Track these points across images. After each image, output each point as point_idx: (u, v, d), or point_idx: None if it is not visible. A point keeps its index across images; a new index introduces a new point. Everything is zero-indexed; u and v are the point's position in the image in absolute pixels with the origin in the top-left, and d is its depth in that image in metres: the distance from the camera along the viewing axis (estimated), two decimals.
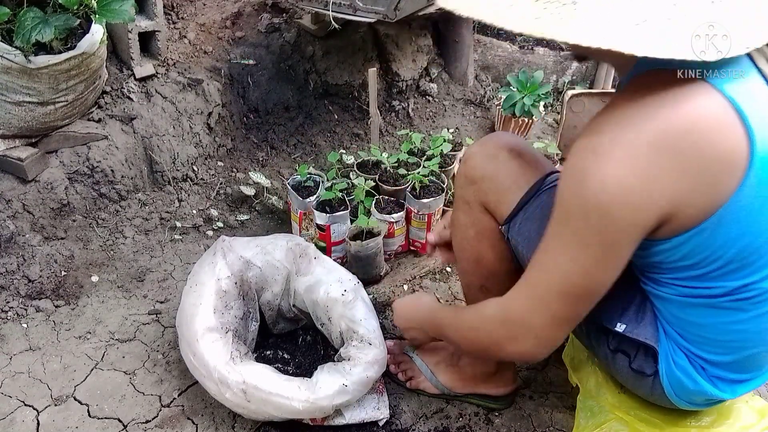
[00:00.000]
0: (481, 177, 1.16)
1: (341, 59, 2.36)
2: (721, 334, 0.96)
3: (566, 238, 0.86)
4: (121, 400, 1.41)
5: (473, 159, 1.19)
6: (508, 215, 1.13)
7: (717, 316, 0.94)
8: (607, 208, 0.80)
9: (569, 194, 0.85)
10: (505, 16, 0.77)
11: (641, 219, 0.82)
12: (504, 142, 1.17)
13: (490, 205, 1.16)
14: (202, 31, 2.25)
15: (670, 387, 1.02)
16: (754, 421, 1.13)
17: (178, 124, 2.04)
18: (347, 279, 1.45)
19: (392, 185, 1.90)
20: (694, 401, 1.05)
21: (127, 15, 1.61)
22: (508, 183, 1.13)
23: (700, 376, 1.00)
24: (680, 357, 1.00)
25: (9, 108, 1.66)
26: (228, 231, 1.99)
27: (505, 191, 1.13)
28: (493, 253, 1.21)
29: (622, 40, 0.73)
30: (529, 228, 1.09)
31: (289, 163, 2.27)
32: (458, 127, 2.54)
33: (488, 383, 1.40)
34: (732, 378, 1.01)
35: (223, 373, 1.24)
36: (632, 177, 0.79)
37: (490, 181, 1.15)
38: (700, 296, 0.93)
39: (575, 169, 0.84)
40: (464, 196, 1.21)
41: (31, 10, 1.55)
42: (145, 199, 1.99)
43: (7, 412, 1.37)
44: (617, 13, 0.74)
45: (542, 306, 0.92)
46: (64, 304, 1.67)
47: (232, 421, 1.37)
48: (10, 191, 1.73)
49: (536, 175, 1.12)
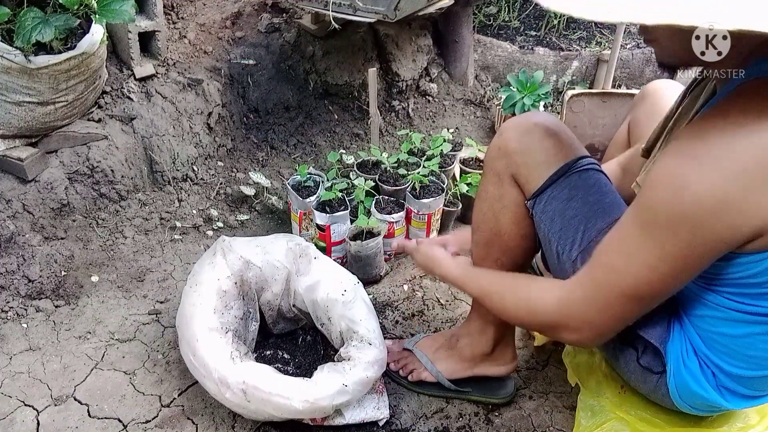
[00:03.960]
0: (515, 150, 1.16)
1: (341, 59, 2.36)
2: (749, 349, 0.95)
3: (648, 245, 0.84)
4: (121, 400, 1.41)
5: (509, 132, 1.18)
6: (536, 190, 1.13)
7: (748, 331, 0.93)
8: (701, 222, 0.77)
9: (660, 200, 0.81)
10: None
11: (733, 235, 0.79)
12: (542, 120, 1.16)
13: (521, 179, 1.16)
14: (202, 31, 2.25)
15: (676, 388, 1.02)
16: (755, 422, 1.13)
17: (178, 124, 2.04)
18: (347, 279, 1.44)
19: (392, 185, 1.90)
20: (696, 406, 1.04)
21: (127, 15, 1.61)
22: (541, 159, 1.13)
23: (708, 383, 0.99)
24: (692, 360, 0.99)
25: (9, 108, 1.66)
26: (228, 231, 1.99)
27: (537, 166, 1.13)
28: (516, 228, 1.21)
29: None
30: (554, 207, 1.10)
31: (289, 163, 2.27)
32: (458, 127, 2.54)
33: (488, 362, 1.40)
34: (742, 393, 1.00)
35: (223, 373, 1.24)
36: (733, 191, 0.75)
37: (523, 155, 1.15)
38: (743, 311, 0.92)
39: (672, 173, 0.79)
40: (495, 168, 1.21)
41: (31, 10, 1.55)
42: (145, 199, 1.99)
43: (7, 412, 1.37)
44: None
45: (606, 306, 0.92)
46: (64, 304, 1.67)
47: (232, 421, 1.37)
48: (10, 191, 1.73)
49: (569, 156, 1.11)
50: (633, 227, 0.86)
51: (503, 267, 1.26)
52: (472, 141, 2.20)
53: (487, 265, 1.28)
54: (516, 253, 1.24)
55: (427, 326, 1.68)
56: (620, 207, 1.08)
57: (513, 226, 1.21)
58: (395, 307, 1.73)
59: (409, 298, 1.77)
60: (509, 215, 1.21)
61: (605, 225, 1.04)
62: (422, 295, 1.78)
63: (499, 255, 1.25)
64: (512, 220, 1.21)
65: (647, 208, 0.84)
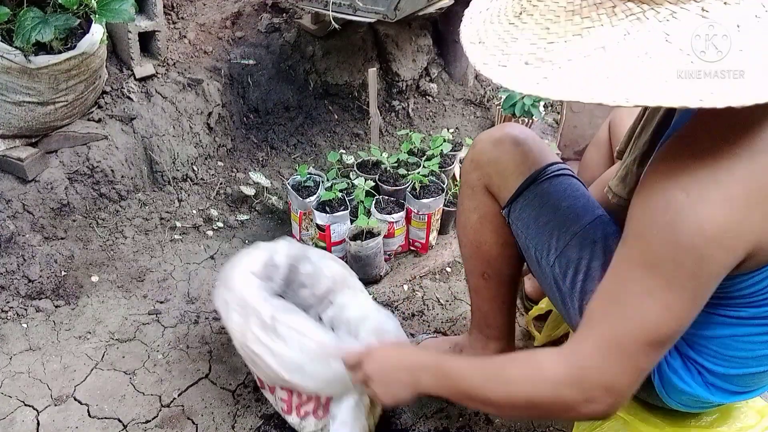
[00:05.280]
0: (486, 161, 1.19)
1: (341, 59, 2.36)
2: (728, 348, 0.95)
3: (656, 284, 0.79)
4: (121, 400, 1.41)
5: (480, 144, 1.22)
6: (509, 199, 1.16)
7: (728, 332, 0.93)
8: (702, 252, 0.76)
9: (655, 238, 0.78)
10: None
11: (733, 259, 0.78)
12: (511, 130, 1.19)
13: (494, 188, 1.19)
14: (202, 31, 2.25)
15: (661, 386, 1.02)
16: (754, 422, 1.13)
17: (178, 124, 2.04)
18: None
19: (392, 185, 1.90)
20: (685, 402, 1.04)
21: (127, 15, 1.61)
22: (511, 168, 1.15)
23: (694, 380, 0.99)
24: (675, 358, 0.99)
25: (9, 108, 1.66)
26: (228, 231, 1.99)
27: (508, 175, 1.16)
28: (495, 237, 1.23)
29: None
30: (528, 215, 1.12)
31: (289, 163, 2.27)
32: (458, 127, 2.54)
33: None
34: (730, 390, 1.00)
35: (253, 304, 1.20)
36: (729, 219, 0.75)
37: (494, 165, 1.18)
38: (724, 315, 0.91)
39: (663, 210, 0.77)
40: (469, 181, 1.24)
41: (31, 10, 1.55)
42: (145, 199, 1.99)
43: (7, 412, 1.37)
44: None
45: (630, 362, 0.82)
46: (64, 304, 1.67)
47: (232, 421, 1.37)
48: (10, 191, 1.73)
49: (538, 163, 1.14)
50: (634, 270, 0.82)
51: (490, 280, 1.27)
52: (472, 141, 2.20)
53: (474, 280, 1.30)
54: (500, 263, 1.25)
55: (427, 326, 1.68)
56: (593, 209, 1.10)
57: (491, 235, 1.23)
58: (395, 308, 1.73)
59: (409, 298, 1.77)
60: (487, 225, 1.23)
61: (579, 229, 1.06)
62: (422, 295, 1.78)
63: (484, 267, 1.27)
64: (490, 229, 1.23)
65: (645, 249, 0.80)
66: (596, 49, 0.69)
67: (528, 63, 0.73)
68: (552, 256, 1.08)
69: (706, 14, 0.67)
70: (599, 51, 0.69)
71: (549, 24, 0.74)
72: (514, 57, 0.74)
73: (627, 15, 0.70)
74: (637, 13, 0.69)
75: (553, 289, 1.11)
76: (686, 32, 0.67)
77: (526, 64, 0.73)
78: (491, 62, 0.76)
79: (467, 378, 0.93)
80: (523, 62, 0.73)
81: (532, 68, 0.72)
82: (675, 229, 0.76)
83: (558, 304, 1.13)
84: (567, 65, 0.70)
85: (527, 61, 0.73)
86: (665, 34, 0.68)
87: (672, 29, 0.68)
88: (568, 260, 1.06)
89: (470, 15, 0.87)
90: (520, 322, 1.63)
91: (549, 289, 1.13)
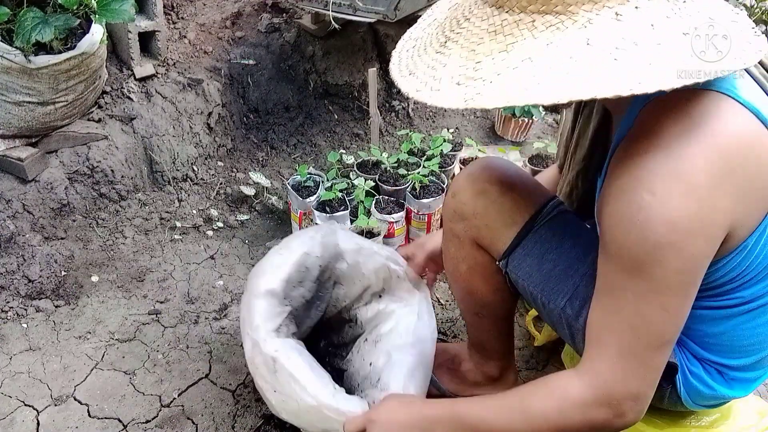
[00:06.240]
0: (472, 214, 1.11)
1: (341, 59, 2.36)
2: (737, 339, 0.95)
3: (646, 288, 0.80)
4: (121, 400, 1.41)
5: (462, 194, 1.13)
6: (504, 251, 1.09)
7: (733, 324, 0.93)
8: (681, 245, 0.77)
9: (632, 243, 0.79)
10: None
11: (712, 245, 0.79)
12: (494, 176, 1.11)
13: (484, 242, 1.12)
14: (202, 31, 2.25)
15: (688, 396, 1.02)
16: (754, 422, 1.13)
17: (178, 124, 2.05)
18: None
19: (392, 185, 1.90)
20: (707, 404, 1.05)
21: (127, 15, 1.61)
22: (502, 220, 1.08)
23: (716, 381, 0.99)
24: (695, 366, 1.00)
25: (9, 108, 1.66)
26: (228, 231, 1.99)
27: (500, 228, 1.09)
28: (487, 285, 1.18)
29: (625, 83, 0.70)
30: (529, 264, 1.06)
31: (289, 163, 2.27)
32: (458, 127, 2.54)
33: (491, 386, 1.40)
34: (750, 377, 1.01)
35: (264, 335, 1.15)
36: (698, 207, 0.75)
37: (482, 218, 1.10)
38: (723, 307, 0.92)
39: (634, 214, 0.78)
40: (454, 230, 1.16)
41: (31, 10, 1.55)
42: (145, 199, 1.99)
43: (7, 412, 1.37)
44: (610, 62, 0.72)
45: (650, 369, 0.85)
46: (64, 304, 1.67)
47: (232, 421, 1.37)
48: (10, 191, 1.73)
49: (531, 209, 1.08)
50: (621, 279, 0.83)
51: (486, 318, 1.23)
52: (472, 141, 2.20)
53: (469, 318, 1.28)
54: (494, 306, 1.21)
55: None
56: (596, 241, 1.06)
57: (483, 285, 1.18)
58: None
59: None
60: (477, 276, 1.17)
61: (587, 268, 1.01)
62: None
63: (478, 309, 1.23)
64: (481, 280, 1.17)
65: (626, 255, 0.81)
66: (523, 60, 0.73)
67: (459, 84, 0.76)
68: (562, 300, 1.04)
69: (620, 17, 0.73)
70: (527, 62, 0.73)
71: (474, 46, 0.78)
72: (445, 80, 0.78)
73: (547, 27, 0.74)
74: (556, 24, 0.74)
75: (564, 327, 1.07)
76: (605, 35, 0.72)
77: (458, 85, 0.76)
78: (423, 89, 0.79)
79: (487, 420, 0.92)
80: (455, 83, 0.77)
81: (464, 87, 0.75)
82: (650, 230, 0.77)
83: (568, 339, 1.10)
84: (497, 79, 0.73)
85: (459, 82, 0.76)
86: (586, 38, 0.72)
87: (591, 34, 0.72)
88: (580, 300, 1.02)
89: (398, 53, 0.90)
90: (520, 322, 1.63)
91: (558, 328, 1.10)
